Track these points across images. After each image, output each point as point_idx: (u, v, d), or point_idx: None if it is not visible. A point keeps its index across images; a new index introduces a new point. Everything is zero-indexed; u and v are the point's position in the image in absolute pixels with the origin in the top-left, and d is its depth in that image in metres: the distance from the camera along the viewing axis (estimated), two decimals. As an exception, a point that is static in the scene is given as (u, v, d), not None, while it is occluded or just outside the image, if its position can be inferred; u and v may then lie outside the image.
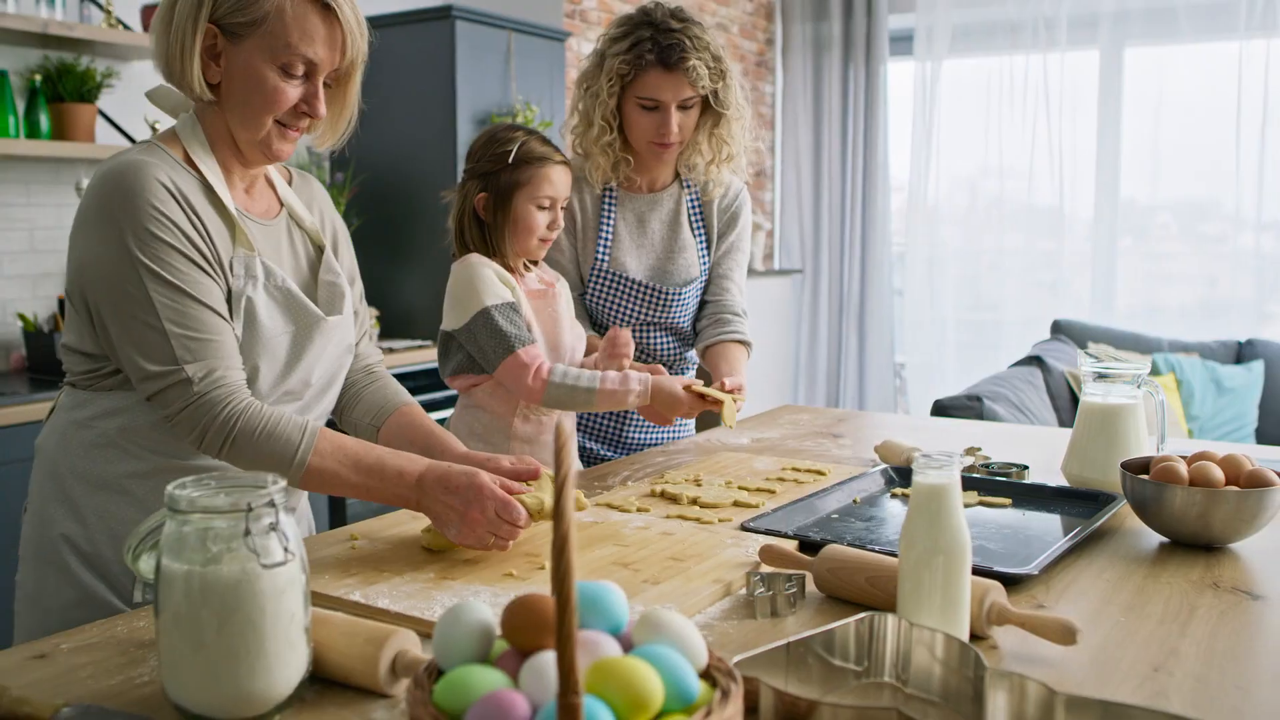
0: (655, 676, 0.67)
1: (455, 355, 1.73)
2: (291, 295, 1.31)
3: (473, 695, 0.67)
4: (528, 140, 1.70)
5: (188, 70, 1.23)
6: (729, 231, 2.01)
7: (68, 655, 1.00)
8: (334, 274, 1.40)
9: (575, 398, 1.65)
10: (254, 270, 1.27)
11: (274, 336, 1.29)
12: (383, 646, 0.89)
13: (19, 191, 3.01)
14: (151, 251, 1.19)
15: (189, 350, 1.19)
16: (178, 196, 1.22)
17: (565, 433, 0.68)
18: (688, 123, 1.85)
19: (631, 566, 1.21)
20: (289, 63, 1.24)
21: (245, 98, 1.24)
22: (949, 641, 0.86)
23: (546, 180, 1.70)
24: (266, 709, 0.85)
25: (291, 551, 0.84)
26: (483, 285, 1.66)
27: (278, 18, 1.21)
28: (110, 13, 3.01)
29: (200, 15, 1.22)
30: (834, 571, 1.13)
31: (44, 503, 1.32)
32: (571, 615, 0.61)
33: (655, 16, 1.81)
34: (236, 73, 1.24)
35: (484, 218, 1.71)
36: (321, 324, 1.33)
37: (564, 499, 0.62)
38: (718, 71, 1.83)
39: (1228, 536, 1.31)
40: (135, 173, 1.21)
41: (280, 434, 1.20)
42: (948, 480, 0.99)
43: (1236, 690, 0.92)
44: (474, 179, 1.72)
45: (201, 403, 1.19)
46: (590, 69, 1.86)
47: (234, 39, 1.23)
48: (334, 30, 1.25)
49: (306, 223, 1.41)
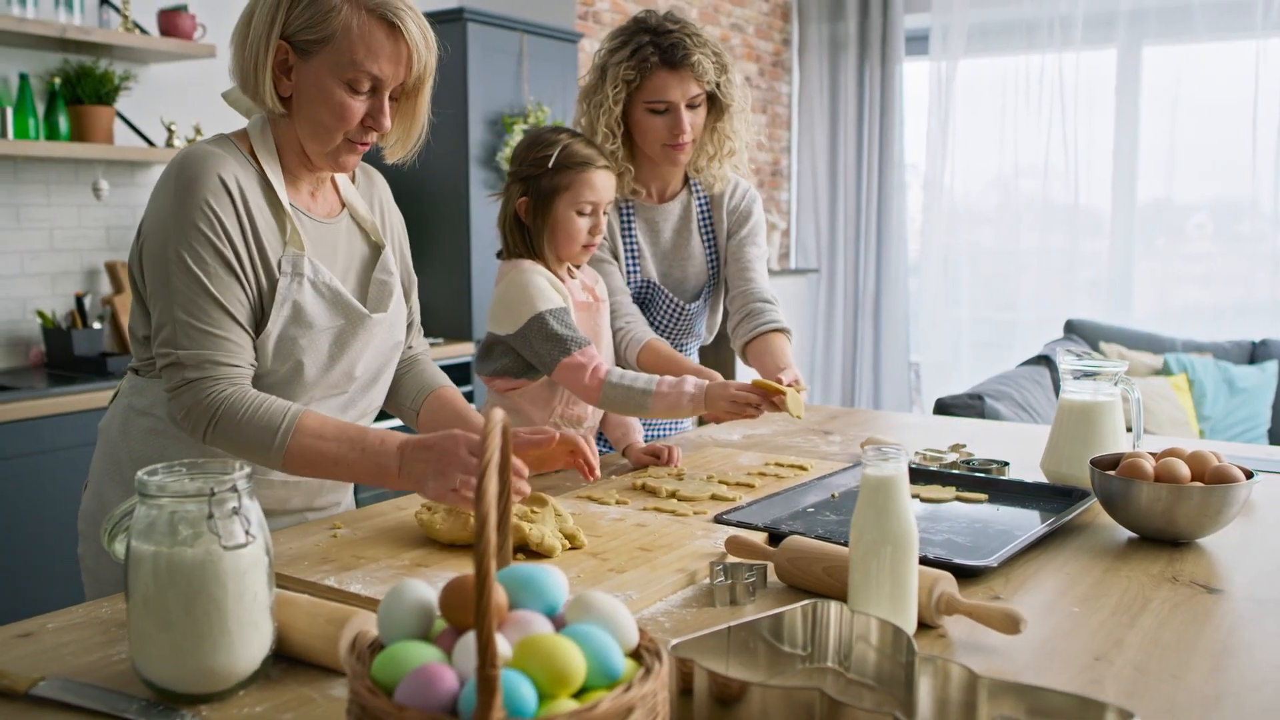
0: (579, 653, 0.70)
1: (501, 358, 1.73)
2: (338, 293, 1.35)
3: (406, 668, 0.70)
4: (570, 143, 1.69)
5: (261, 84, 1.28)
6: (741, 228, 2.02)
7: (52, 634, 1.05)
8: (387, 273, 1.45)
9: (631, 399, 1.64)
10: (301, 268, 1.32)
11: (320, 331, 1.34)
12: (343, 626, 0.93)
13: (39, 192, 3.09)
14: (189, 243, 1.25)
15: (189, 338, 1.24)
16: (234, 195, 1.28)
17: (495, 418, 0.71)
18: (697, 121, 1.87)
19: (600, 555, 1.25)
20: (355, 79, 1.27)
21: (314, 113, 1.29)
22: (883, 627, 0.89)
23: (588, 185, 1.69)
24: (230, 684, 0.90)
25: (253, 534, 0.89)
26: (536, 291, 1.66)
27: (344, 35, 1.25)
28: (127, 17, 3.08)
29: (273, 32, 1.26)
30: (793, 562, 1.16)
31: (103, 482, 1.40)
32: (489, 592, 0.65)
33: (651, 22, 1.84)
34: (306, 88, 1.28)
35: (525, 221, 1.71)
36: (366, 320, 1.38)
37: (485, 481, 0.66)
38: (720, 65, 1.86)
39: (1193, 532, 1.32)
40: (201, 163, 1.27)
41: (264, 414, 1.24)
42: (895, 472, 1.02)
43: (1171, 679, 0.94)
44: (516, 182, 1.72)
45: (189, 386, 1.24)
46: (593, 83, 1.88)
47: (304, 55, 1.27)
48: (399, 47, 1.28)
49: (366, 222, 1.45)
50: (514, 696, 0.67)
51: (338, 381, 1.38)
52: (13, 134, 2.88)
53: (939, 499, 1.53)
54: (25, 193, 3.06)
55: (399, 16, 1.28)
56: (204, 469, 0.92)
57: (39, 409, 2.61)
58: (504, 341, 1.71)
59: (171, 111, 3.36)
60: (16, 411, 2.57)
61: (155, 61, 3.29)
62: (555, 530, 1.28)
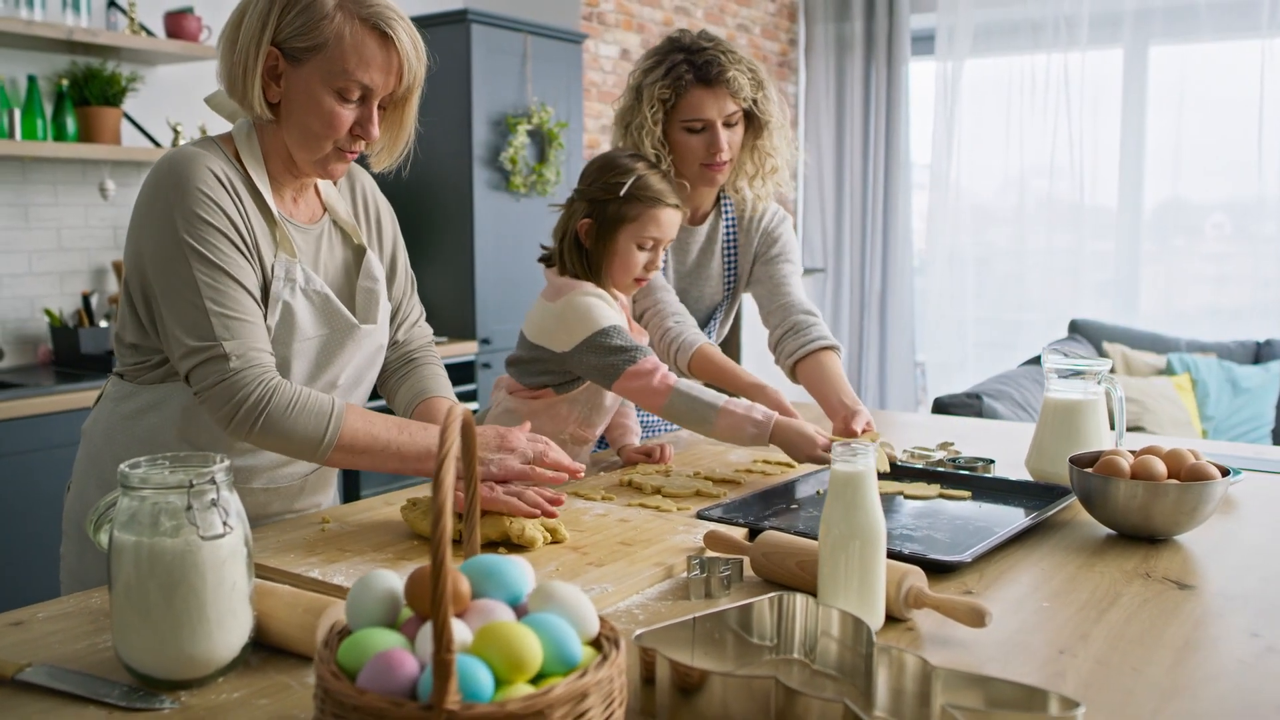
0: (536, 640, 0.73)
1: (542, 374, 1.70)
2: (329, 301, 1.36)
3: (369, 654, 0.73)
4: (645, 175, 1.66)
5: (249, 90, 1.28)
6: (770, 248, 2.00)
7: (42, 623, 1.08)
8: (372, 279, 1.44)
9: (696, 410, 1.60)
10: (293, 274, 1.33)
11: (307, 339, 1.35)
12: (320, 616, 0.96)
13: (47, 192, 3.14)
14: (197, 233, 1.24)
15: (227, 328, 1.24)
16: (226, 185, 1.28)
17: (454, 413, 0.74)
18: (735, 140, 1.85)
19: (581, 549, 1.27)
20: (345, 87, 1.27)
21: (304, 120, 1.29)
22: (844, 619, 0.91)
23: (654, 221, 1.65)
24: (210, 671, 0.92)
25: (230, 525, 0.91)
26: (599, 314, 1.63)
27: (337, 44, 1.25)
28: (134, 19, 3.12)
29: (264, 37, 1.26)
30: (768, 556, 1.18)
31: (86, 484, 1.40)
32: (444, 579, 0.67)
33: (684, 41, 1.83)
34: (295, 95, 1.28)
35: (584, 243, 1.68)
36: (355, 331, 1.39)
37: (442, 473, 0.68)
38: (755, 81, 1.84)
39: (1170, 529, 1.34)
40: (188, 161, 1.27)
41: (311, 408, 1.26)
42: (862, 468, 1.04)
43: (1132, 672, 0.95)
44: (582, 201, 1.68)
45: (236, 379, 1.23)
46: (628, 105, 1.86)
47: (294, 62, 1.27)
48: (391, 57, 1.28)
49: (348, 224, 1.45)
50: (470, 681, 0.69)
51: (321, 388, 1.39)
52: (21, 135, 2.92)
53: (923, 496, 1.55)
54: (33, 193, 3.10)
55: (391, 26, 1.28)
56: (185, 462, 0.94)
57: (48, 405, 2.66)
58: (550, 356, 1.67)
59: (177, 112, 3.40)
60: (25, 408, 2.61)
61: (161, 63, 3.33)
62: (537, 524, 1.30)
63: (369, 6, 1.27)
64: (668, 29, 5.02)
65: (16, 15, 2.88)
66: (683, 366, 1.81)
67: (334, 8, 1.26)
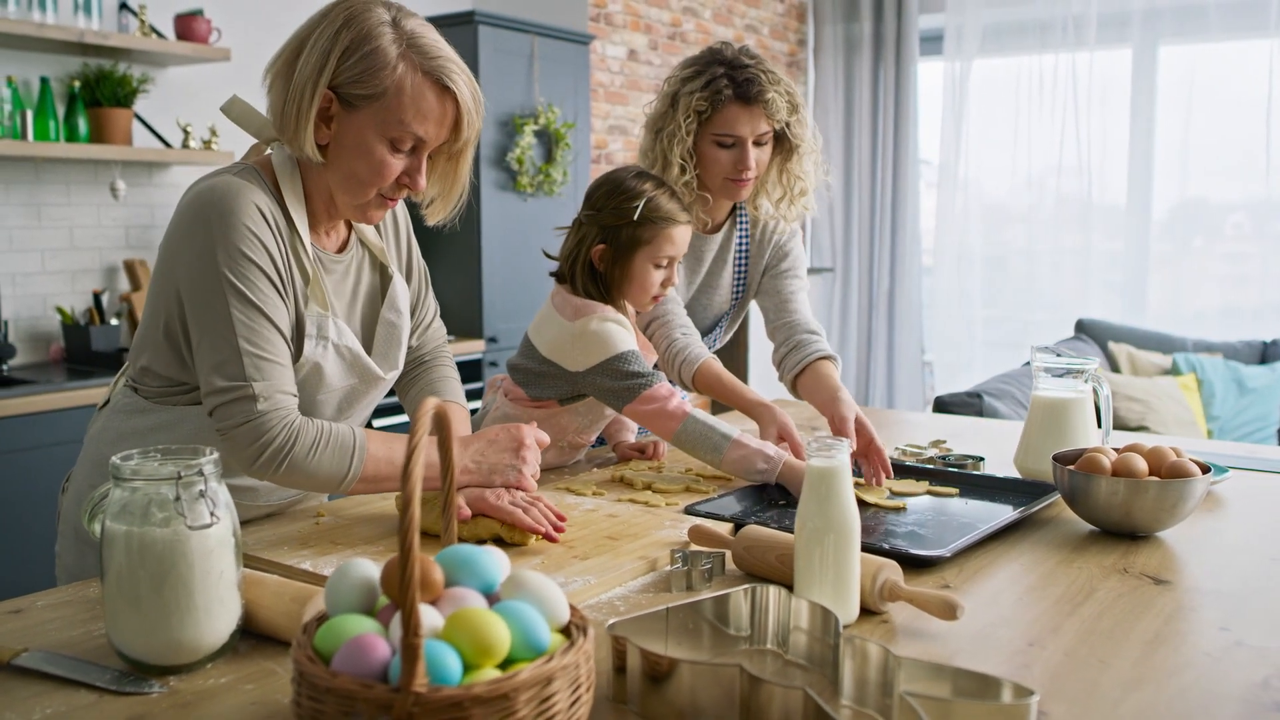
0: (504, 627, 0.75)
1: (550, 388, 1.69)
2: (357, 356, 1.36)
3: (344, 639, 0.76)
4: (655, 196, 1.65)
5: (301, 131, 1.24)
6: (780, 262, 2.01)
7: (41, 611, 1.11)
8: (396, 312, 1.43)
9: (709, 438, 1.59)
10: (325, 331, 1.31)
11: (334, 389, 1.35)
12: (306, 604, 0.99)
13: (59, 192, 3.18)
14: (239, 270, 1.22)
15: (258, 369, 1.22)
16: (270, 222, 1.26)
17: (426, 406, 0.76)
18: (763, 158, 1.86)
19: (567, 544, 1.29)
20: (399, 138, 1.25)
21: (351, 165, 1.26)
22: (813, 611, 0.93)
23: (669, 240, 1.66)
24: (198, 657, 0.95)
25: (218, 515, 0.94)
26: (618, 339, 1.63)
27: (396, 94, 1.23)
28: (145, 21, 3.17)
29: (321, 80, 1.22)
30: (748, 550, 1.20)
31: (84, 489, 1.39)
32: (413, 565, 0.69)
33: (726, 55, 1.84)
34: (347, 140, 1.25)
35: (599, 268, 1.67)
36: (379, 381, 1.40)
37: (413, 463, 0.71)
38: (791, 105, 1.85)
39: (1151, 525, 1.35)
40: (235, 195, 1.24)
41: (334, 445, 1.25)
42: (837, 464, 1.06)
43: (1099, 664, 0.97)
44: (593, 227, 1.67)
45: (262, 420, 1.22)
46: (662, 111, 1.87)
47: (349, 107, 1.24)
48: (448, 110, 1.26)
49: (376, 247, 1.43)
50: (438, 665, 0.72)
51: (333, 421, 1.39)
52: (33, 135, 2.97)
53: (910, 493, 1.57)
54: (46, 193, 3.15)
55: (453, 80, 1.25)
56: (175, 455, 0.97)
57: (59, 402, 2.71)
58: (561, 373, 1.67)
59: (188, 113, 3.44)
60: (37, 404, 2.66)
61: (172, 65, 3.37)
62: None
63: (433, 59, 1.25)
64: (675, 29, 5.04)
65: (29, 18, 2.93)
66: (687, 380, 1.82)
67: (397, 57, 1.23)
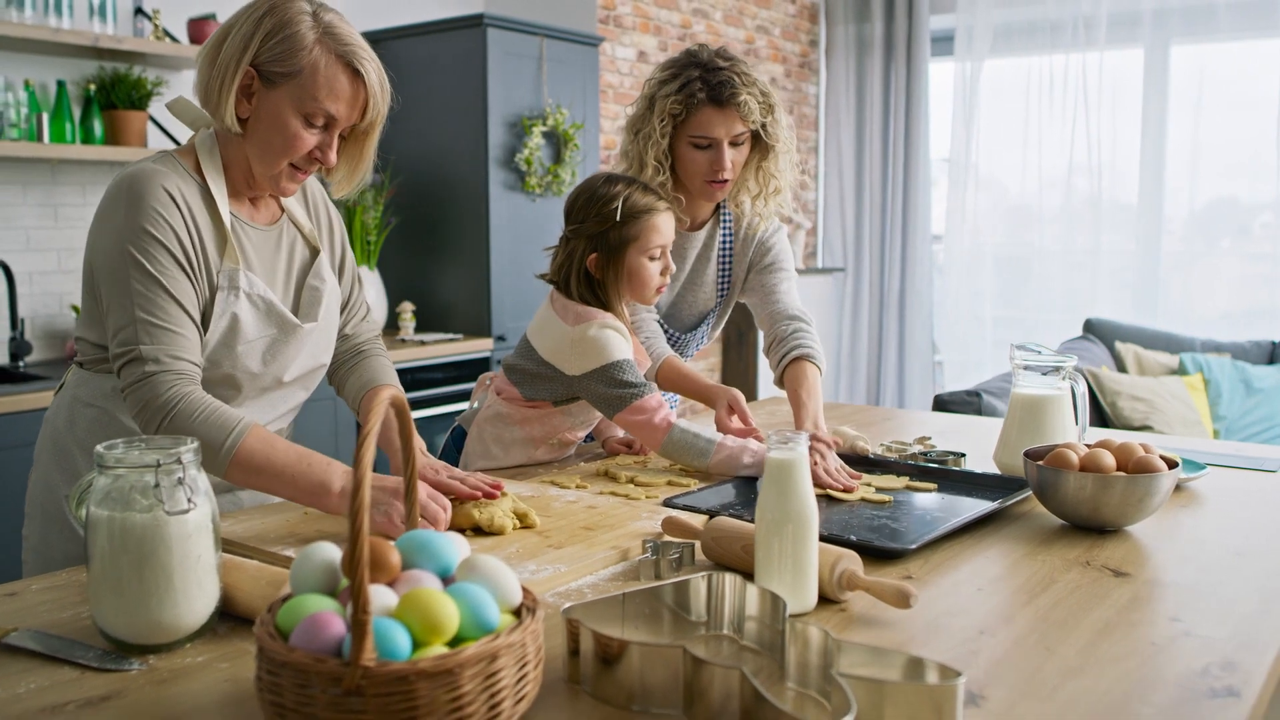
0: (453, 606, 0.79)
1: (544, 389, 1.73)
2: (271, 304, 1.45)
3: (302, 616, 0.80)
4: (630, 193, 1.70)
5: (223, 103, 1.36)
6: (763, 259, 2.04)
7: (35, 593, 1.16)
8: (320, 279, 1.54)
9: (694, 445, 1.65)
10: (236, 281, 1.42)
11: (253, 341, 1.44)
12: (281, 588, 1.03)
13: (75, 193, 3.26)
14: (141, 246, 1.34)
15: (149, 334, 1.33)
16: (180, 203, 1.37)
17: (382, 397, 0.80)
18: (739, 159, 1.90)
19: (544, 534, 1.33)
20: (312, 113, 1.37)
21: (268, 138, 1.38)
22: (763, 597, 0.97)
23: (655, 230, 1.70)
24: (177, 637, 1.00)
25: (195, 502, 0.99)
26: (615, 347, 1.68)
27: (311, 73, 1.35)
28: (159, 26, 3.23)
29: (244, 58, 1.35)
30: (716, 540, 1.24)
31: (49, 468, 1.50)
32: (362, 545, 0.74)
33: (702, 57, 1.87)
34: (264, 114, 1.37)
35: (597, 276, 1.71)
36: (298, 330, 1.48)
37: (363, 450, 0.75)
38: (766, 106, 1.88)
39: (1119, 520, 1.38)
40: (146, 179, 1.36)
41: (217, 418, 1.32)
42: (795, 456, 1.09)
43: (1045, 651, 1.00)
44: (580, 239, 1.71)
45: (148, 381, 1.31)
46: (640, 113, 1.91)
47: (268, 84, 1.36)
48: (358, 92, 1.39)
49: (305, 227, 1.55)
50: (387, 641, 0.76)
51: (268, 385, 1.49)
52: (50, 138, 3.04)
53: (889, 488, 1.60)
54: (62, 193, 3.23)
55: (363, 65, 1.38)
56: (157, 444, 1.02)
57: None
58: (558, 376, 1.71)
59: (202, 115, 3.51)
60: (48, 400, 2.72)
61: (185, 68, 3.44)
62: (507, 511, 1.36)
63: (346, 45, 1.37)
64: (685, 31, 5.07)
65: (45, 23, 3.00)
66: (651, 376, 1.88)
67: (314, 41, 1.35)
